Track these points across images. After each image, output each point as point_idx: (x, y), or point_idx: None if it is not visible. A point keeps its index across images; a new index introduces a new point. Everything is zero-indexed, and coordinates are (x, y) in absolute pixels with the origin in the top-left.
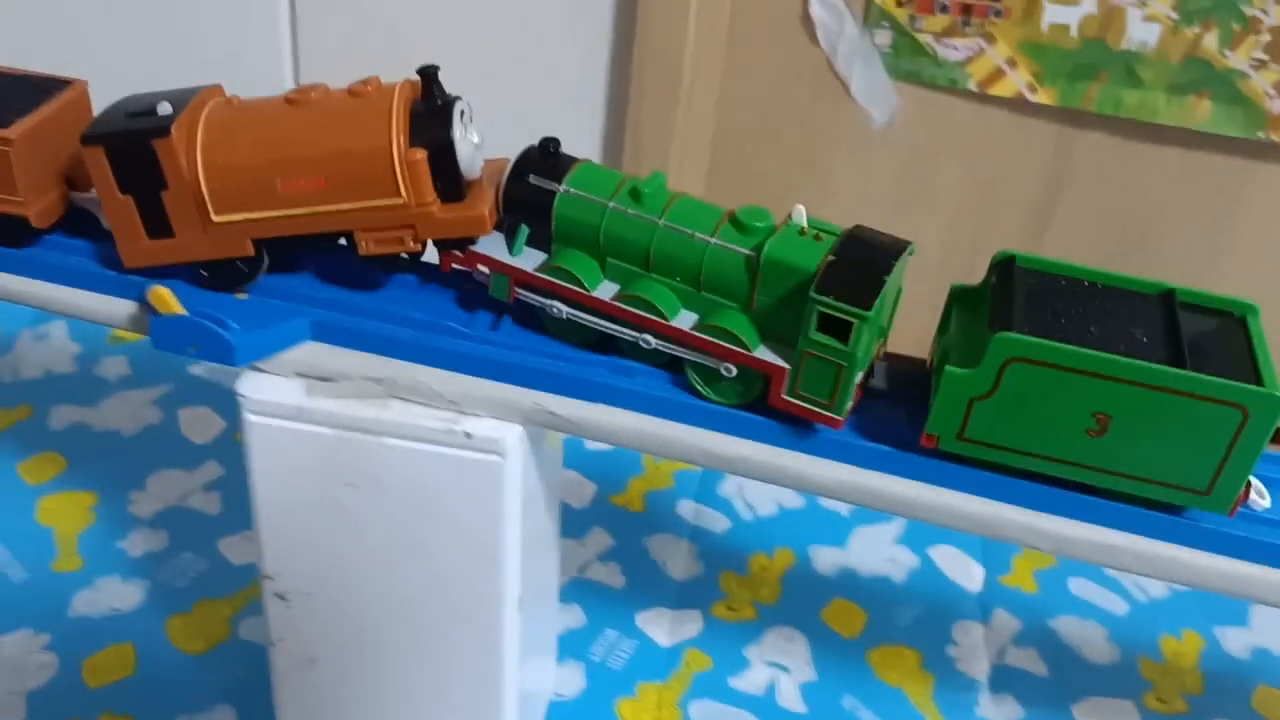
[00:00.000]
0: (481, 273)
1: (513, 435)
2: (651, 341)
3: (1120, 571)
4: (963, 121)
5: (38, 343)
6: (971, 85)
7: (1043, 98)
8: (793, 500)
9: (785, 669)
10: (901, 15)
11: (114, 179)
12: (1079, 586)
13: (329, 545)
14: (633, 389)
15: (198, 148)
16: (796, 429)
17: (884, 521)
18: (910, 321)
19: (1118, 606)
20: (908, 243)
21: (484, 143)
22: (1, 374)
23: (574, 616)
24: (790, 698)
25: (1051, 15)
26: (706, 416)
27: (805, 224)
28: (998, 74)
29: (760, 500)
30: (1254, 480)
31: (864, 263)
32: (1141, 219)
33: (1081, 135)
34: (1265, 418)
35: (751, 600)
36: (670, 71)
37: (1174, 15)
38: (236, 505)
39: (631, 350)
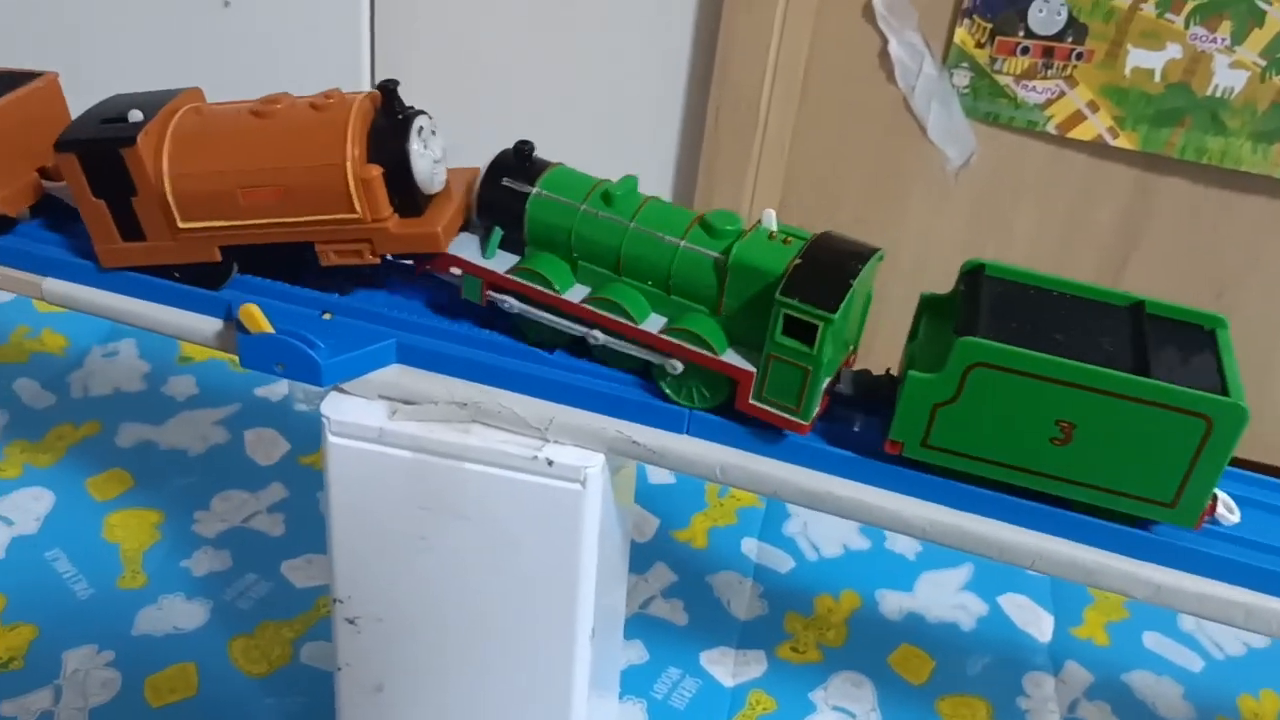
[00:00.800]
0: (455, 275)
1: (595, 464)
2: (618, 344)
3: (1201, 624)
4: (1040, 164)
5: (108, 360)
6: (1051, 128)
7: (1124, 142)
8: (858, 542)
9: (852, 715)
10: (982, 56)
11: (87, 184)
12: (1153, 641)
13: (403, 570)
14: (710, 420)
15: (164, 157)
16: (765, 433)
17: (951, 567)
18: None
19: (1193, 663)
20: (876, 248)
21: (446, 156)
22: (72, 390)
23: (636, 652)
24: None
25: (1135, 59)
26: (792, 450)
27: (775, 228)
28: (1078, 117)
29: (825, 541)
30: (1224, 496)
31: (831, 266)
32: (1222, 268)
33: (1162, 181)
34: (1229, 428)
35: (817, 642)
36: (747, 108)
37: (1261, 62)
38: (300, 528)
39: (601, 353)
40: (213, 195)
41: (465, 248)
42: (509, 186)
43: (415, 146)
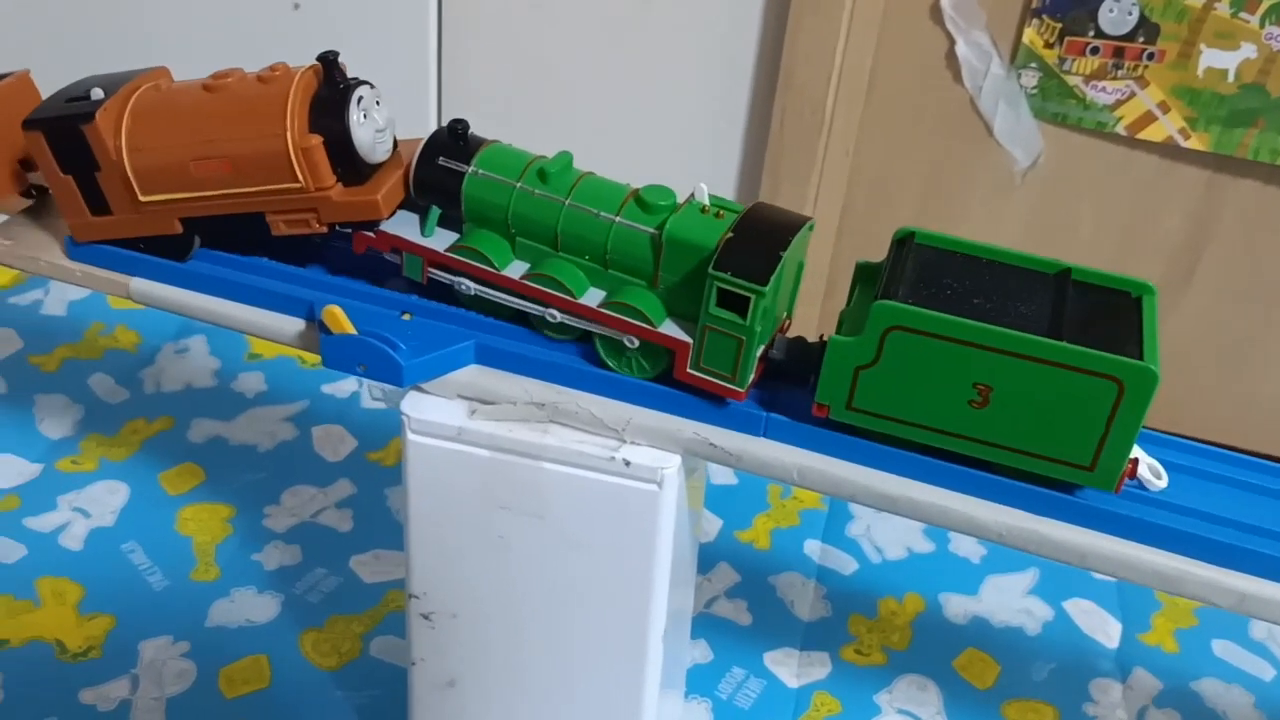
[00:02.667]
0: (395, 254)
1: (672, 465)
2: (558, 316)
3: (1272, 632)
4: (1108, 165)
5: (179, 357)
6: (1120, 129)
7: (1195, 143)
8: (922, 544)
9: (918, 718)
10: (1050, 56)
11: (54, 160)
12: (1223, 649)
13: (479, 568)
14: (786, 422)
15: (123, 133)
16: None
17: (1017, 571)
18: None
19: (1264, 671)
20: (807, 219)
21: (391, 126)
22: (145, 386)
23: (700, 652)
24: None
25: (1208, 60)
26: (873, 455)
27: (707, 202)
28: (1148, 118)
29: (888, 543)
30: (1151, 462)
31: (761, 239)
32: None
33: (1234, 183)
34: (1140, 391)
35: (881, 645)
36: (813, 110)
37: None
38: (367, 524)
39: (541, 325)
40: (167, 168)
41: (405, 227)
42: (445, 166)
43: (355, 116)
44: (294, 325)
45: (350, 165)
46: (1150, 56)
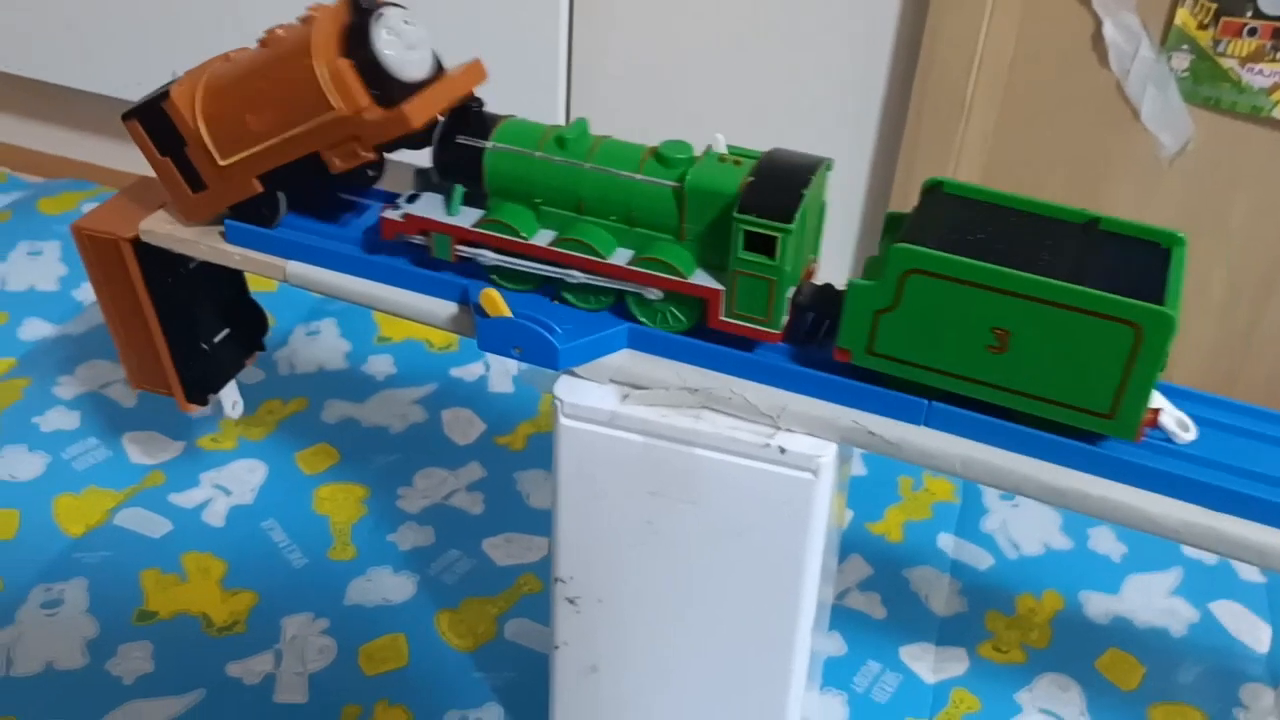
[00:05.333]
0: (425, 237)
1: (828, 454)
2: (578, 277)
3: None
4: (1263, 151)
5: (310, 339)
6: (1278, 114)
7: None
8: (1060, 541)
9: (1060, 718)
10: (1204, 38)
11: (151, 145)
12: None
13: (627, 553)
14: (953, 412)
15: (197, 103)
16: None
17: (1160, 570)
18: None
19: None
20: (825, 159)
21: (426, 44)
22: (280, 367)
23: (834, 644)
24: None
25: None
26: (1035, 444)
27: (725, 151)
28: None
29: (1024, 538)
30: (1180, 415)
31: (782, 180)
32: None
33: None
34: (1158, 336)
35: (1020, 643)
36: (952, 97)
37: None
38: (498, 507)
39: (563, 289)
40: (233, 127)
41: (431, 208)
42: (464, 144)
43: (381, 34)
44: (447, 309)
45: (384, 86)
46: None
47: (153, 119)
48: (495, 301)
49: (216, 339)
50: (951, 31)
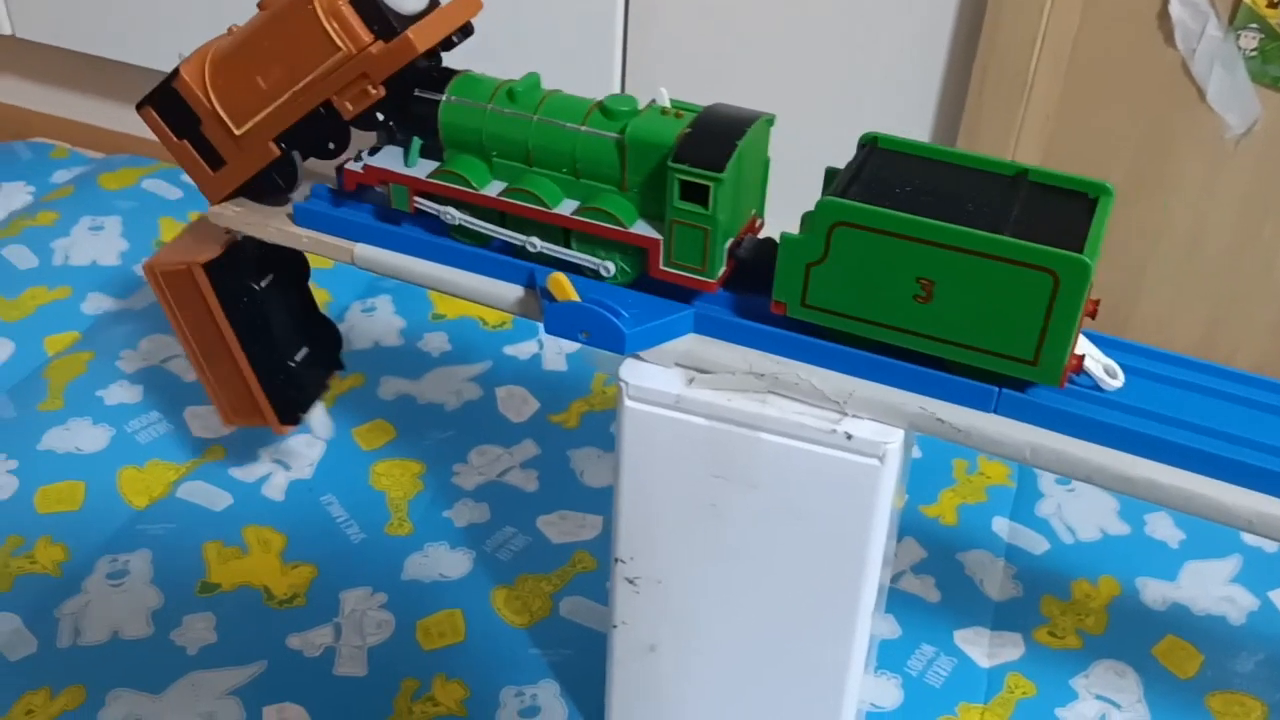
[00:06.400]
0: (385, 188)
1: (895, 440)
2: (538, 245)
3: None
4: None
5: (366, 316)
6: None
7: None
8: (1117, 526)
9: (1117, 705)
10: (1274, 17)
11: (168, 130)
12: None
13: (689, 535)
14: (1024, 399)
15: (207, 78)
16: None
17: (1218, 558)
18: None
19: None
20: (764, 114)
21: None
22: None
23: (889, 627)
24: None
25: None
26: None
27: (668, 104)
28: None
29: (1080, 524)
30: (1108, 361)
31: (717, 131)
32: None
33: None
34: (1075, 283)
35: (1076, 628)
36: (1014, 76)
37: None
38: (552, 485)
39: (522, 255)
40: (244, 93)
41: (391, 160)
42: (421, 96)
43: None
44: (513, 292)
45: (383, 20)
46: None
47: (166, 103)
48: (563, 286)
49: (298, 357)
50: (1014, 7)
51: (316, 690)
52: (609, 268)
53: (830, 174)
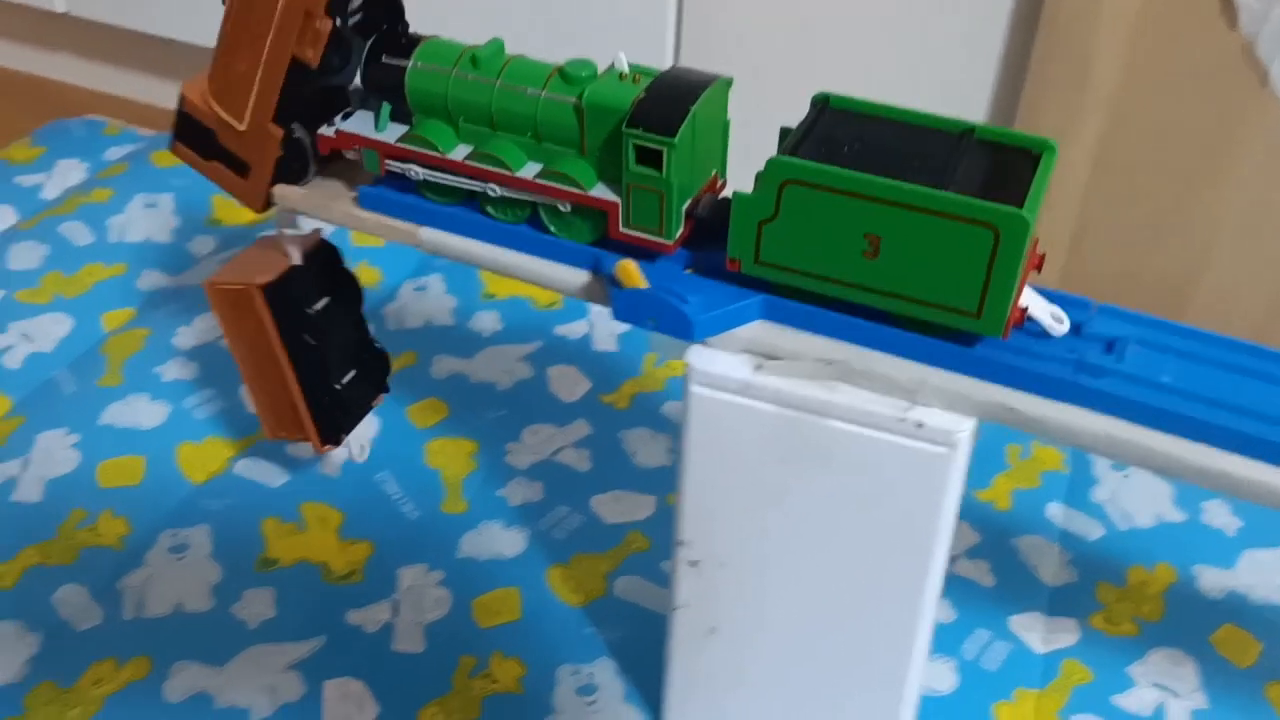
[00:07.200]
0: (356, 153)
1: (966, 429)
2: (498, 191)
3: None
4: None
5: (418, 294)
6: None
7: None
8: (1173, 513)
9: (1174, 693)
10: None
11: (196, 156)
12: None
13: (753, 519)
14: (1101, 389)
15: (205, 90)
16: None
17: (1276, 546)
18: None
19: None
20: (720, 76)
21: None
22: (388, 322)
23: (943, 611)
24: None
25: None
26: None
27: (626, 69)
28: None
29: (1136, 510)
30: (1053, 308)
31: (671, 96)
32: None
33: None
34: (1015, 237)
35: (1132, 615)
36: (1075, 59)
37: None
38: (605, 465)
39: (485, 202)
40: (232, 86)
41: (362, 125)
42: (388, 63)
43: None
44: (580, 277)
45: None
46: None
47: (185, 130)
48: (631, 273)
49: (345, 380)
50: None
51: (376, 666)
52: (566, 206)
53: (784, 133)
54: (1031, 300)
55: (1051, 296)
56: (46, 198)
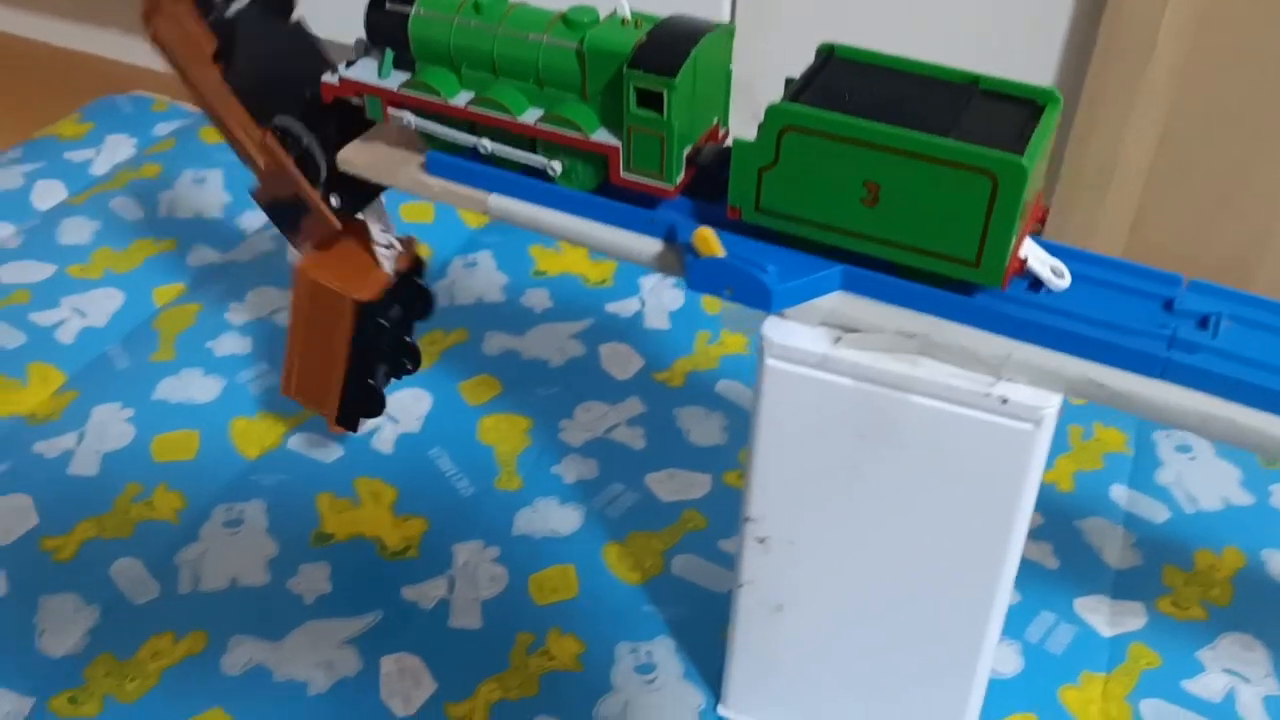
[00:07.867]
0: (360, 100)
1: (1052, 405)
2: (489, 147)
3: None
4: None
5: (468, 270)
6: None
7: None
8: (1240, 496)
9: (1245, 679)
10: None
11: (292, 231)
12: None
13: (825, 496)
14: (1194, 364)
15: (257, 152)
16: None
17: None
18: None
19: None
20: (723, 24)
21: None
22: (440, 298)
23: None
24: (1253, 710)
25: None
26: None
27: (628, 15)
28: None
29: (1202, 493)
30: (1054, 261)
31: (672, 39)
32: None
33: None
34: (1013, 185)
35: (1200, 599)
36: (1142, 35)
37: None
38: (659, 442)
39: (493, 155)
40: (232, 141)
41: (365, 72)
42: (391, 10)
43: None
44: (652, 246)
45: None
46: None
47: (269, 209)
48: (709, 241)
49: (379, 374)
50: None
51: (432, 641)
52: (556, 167)
53: (789, 83)
54: (1031, 252)
55: (1051, 248)
56: (96, 173)
